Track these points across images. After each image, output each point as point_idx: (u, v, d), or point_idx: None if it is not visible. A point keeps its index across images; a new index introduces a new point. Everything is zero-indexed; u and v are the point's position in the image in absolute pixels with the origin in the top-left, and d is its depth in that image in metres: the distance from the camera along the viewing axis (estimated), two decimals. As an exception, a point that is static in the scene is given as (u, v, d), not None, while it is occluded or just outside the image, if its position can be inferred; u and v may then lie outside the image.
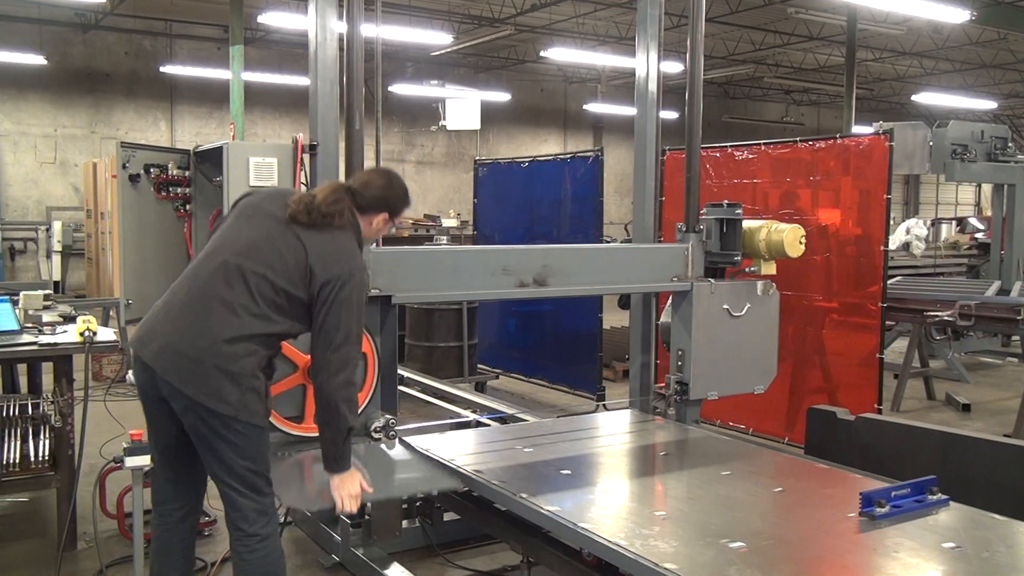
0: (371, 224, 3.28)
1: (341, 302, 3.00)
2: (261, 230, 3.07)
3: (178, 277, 3.11)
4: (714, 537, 2.99)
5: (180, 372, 2.89)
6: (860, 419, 4.57)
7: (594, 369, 7.62)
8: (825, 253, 6.21)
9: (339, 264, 3.03)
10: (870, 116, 21.79)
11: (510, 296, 4.61)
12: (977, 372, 9.80)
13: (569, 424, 4.92)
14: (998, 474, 3.84)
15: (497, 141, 21.95)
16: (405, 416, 5.06)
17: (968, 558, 2.87)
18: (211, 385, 2.86)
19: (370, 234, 3.33)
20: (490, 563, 4.36)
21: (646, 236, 5.03)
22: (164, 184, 4.38)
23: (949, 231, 16.17)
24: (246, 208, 3.20)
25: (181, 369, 2.89)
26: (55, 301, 5.52)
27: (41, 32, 16.24)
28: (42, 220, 14.83)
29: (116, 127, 17.26)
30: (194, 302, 2.97)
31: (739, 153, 6.83)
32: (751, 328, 4.72)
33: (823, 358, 6.33)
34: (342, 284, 3.00)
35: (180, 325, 2.94)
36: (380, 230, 3.35)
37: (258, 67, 17.30)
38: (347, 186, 3.25)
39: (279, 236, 3.04)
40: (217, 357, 2.88)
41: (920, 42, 18.58)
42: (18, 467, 4.28)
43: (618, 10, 16.10)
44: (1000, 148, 9.91)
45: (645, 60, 4.98)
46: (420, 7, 15.59)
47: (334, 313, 2.99)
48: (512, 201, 8.71)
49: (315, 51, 3.77)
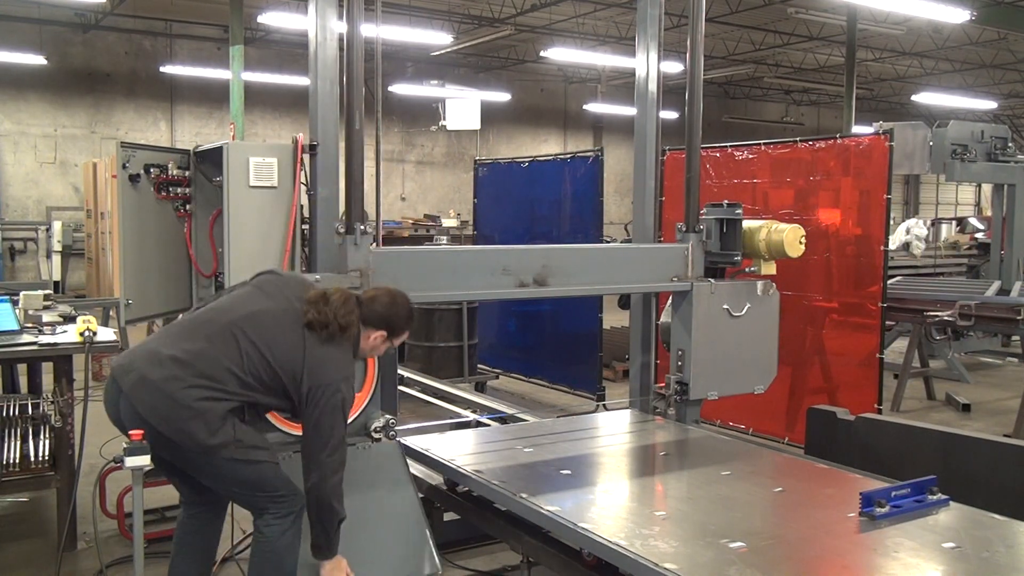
0: (368, 339, 3.34)
1: (335, 407, 3.12)
2: (274, 310, 3.18)
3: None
4: (714, 537, 2.99)
5: (151, 405, 2.99)
6: (860, 419, 4.57)
7: (594, 369, 7.62)
8: (825, 253, 6.21)
9: (332, 372, 3.14)
10: (870, 116, 21.79)
11: (510, 296, 4.61)
12: (977, 372, 9.81)
13: (569, 424, 4.92)
14: (998, 474, 3.84)
15: (497, 141, 21.95)
16: (405, 416, 5.07)
17: (968, 558, 2.87)
18: (181, 423, 2.97)
19: (365, 349, 3.39)
20: (490, 563, 4.37)
21: (646, 236, 5.02)
22: (164, 184, 4.37)
23: (949, 231, 16.19)
24: (267, 284, 3.32)
25: (153, 403, 2.99)
26: (55, 301, 5.52)
27: (41, 32, 16.24)
28: (42, 220, 14.82)
29: (116, 127, 17.26)
30: (185, 347, 3.06)
31: (739, 153, 6.83)
32: (751, 328, 4.72)
33: (823, 358, 6.33)
34: (334, 391, 3.11)
35: (165, 364, 3.02)
36: (376, 348, 3.42)
37: (258, 67, 17.30)
38: (357, 296, 3.34)
39: (288, 324, 3.15)
40: (191, 400, 2.98)
41: (920, 42, 18.58)
42: (18, 467, 4.29)
43: (618, 10, 16.10)
44: (1000, 148, 9.91)
45: (645, 60, 4.97)
46: (420, 7, 15.59)
47: (328, 416, 3.11)
48: (512, 201, 8.71)
49: (315, 51, 3.77)
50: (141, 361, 3.07)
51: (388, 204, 19.33)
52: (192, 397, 2.97)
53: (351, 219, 3.73)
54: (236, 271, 3.68)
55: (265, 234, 3.75)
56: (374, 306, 3.33)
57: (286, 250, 3.75)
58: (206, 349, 3.05)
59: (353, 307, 3.24)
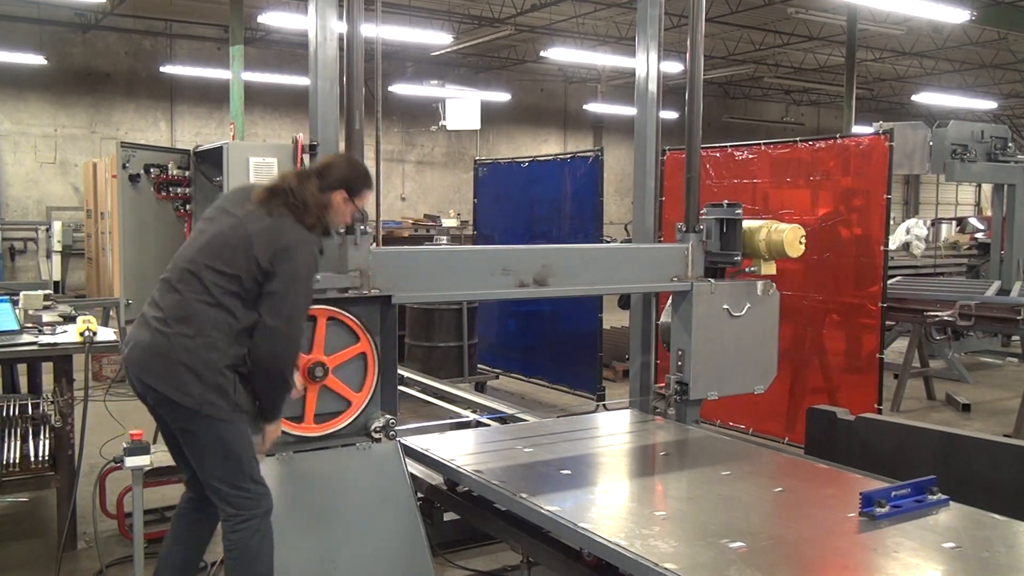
0: (332, 203, 3.34)
1: (295, 272, 3.14)
2: (214, 229, 3.22)
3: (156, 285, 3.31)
4: (714, 537, 2.99)
5: (147, 367, 3.08)
6: (860, 419, 4.57)
7: (594, 369, 7.62)
8: (825, 253, 6.21)
9: (283, 238, 3.16)
10: (870, 116, 21.78)
11: (510, 296, 4.61)
12: (977, 372, 9.81)
13: (569, 424, 4.92)
14: (998, 474, 3.84)
15: (497, 141, 21.95)
16: (405, 416, 5.07)
17: (968, 558, 2.87)
18: (175, 379, 3.03)
19: (332, 216, 3.38)
20: (490, 563, 4.37)
21: (646, 236, 5.02)
22: (164, 184, 4.38)
23: (949, 231, 16.19)
24: (209, 211, 3.36)
25: (148, 364, 3.08)
26: (55, 301, 5.53)
27: (41, 32, 16.24)
28: (42, 220, 14.82)
29: (116, 127, 17.26)
30: (161, 303, 3.15)
31: (739, 153, 6.82)
32: (751, 328, 4.72)
33: (823, 358, 6.33)
34: (288, 256, 3.13)
35: (149, 324, 3.13)
36: (342, 212, 3.41)
37: (258, 67, 17.29)
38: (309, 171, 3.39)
39: (230, 230, 3.18)
40: (179, 352, 3.04)
41: (920, 42, 18.58)
42: (18, 467, 4.29)
43: (618, 10, 16.10)
44: (1000, 148, 9.90)
45: (645, 60, 4.97)
46: (420, 7, 15.59)
47: (279, 282, 3.12)
48: (512, 201, 8.71)
49: (315, 51, 3.77)
50: (135, 330, 3.19)
51: (388, 204, 19.32)
52: (180, 348, 3.04)
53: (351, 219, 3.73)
54: (236, 271, 3.68)
55: (265, 234, 3.74)
56: (331, 171, 3.37)
57: (286, 250, 3.75)
58: (177, 298, 3.11)
59: (309, 178, 3.30)
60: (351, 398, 3.72)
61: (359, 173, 3.45)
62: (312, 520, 3.51)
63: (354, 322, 3.68)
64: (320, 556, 3.45)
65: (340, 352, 3.67)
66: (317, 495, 3.57)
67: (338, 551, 3.47)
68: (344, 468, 3.68)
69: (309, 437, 3.64)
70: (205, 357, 3.04)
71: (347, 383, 3.71)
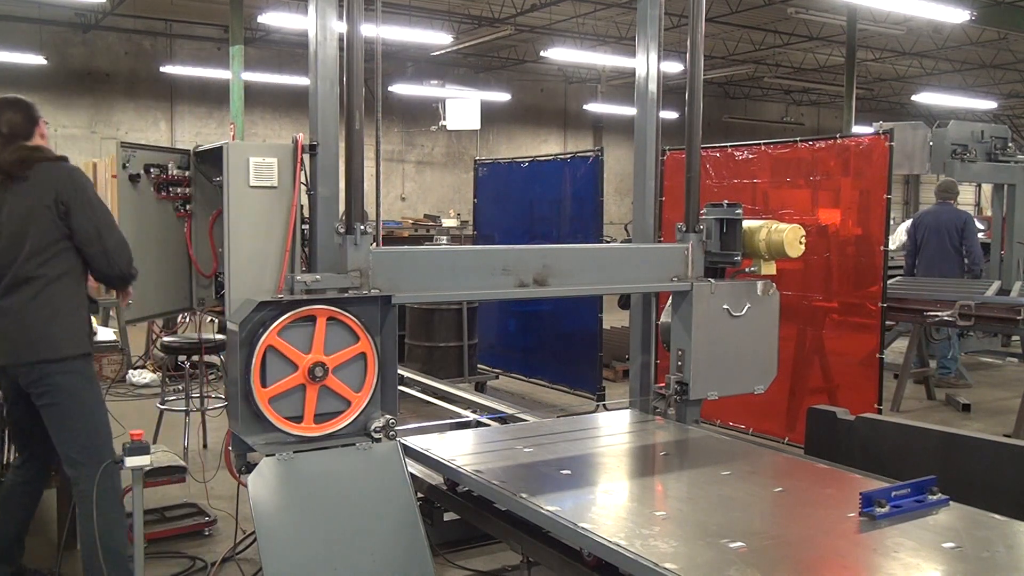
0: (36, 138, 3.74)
1: (82, 204, 3.54)
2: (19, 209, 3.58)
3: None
4: (714, 537, 2.99)
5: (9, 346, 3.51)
6: (860, 419, 4.56)
7: (594, 369, 7.62)
8: (825, 253, 6.21)
9: (48, 183, 3.53)
10: (870, 116, 21.78)
11: (510, 296, 4.60)
12: (977, 372, 9.81)
13: (569, 424, 4.92)
14: (998, 474, 3.83)
15: (497, 141, 21.95)
16: (405, 416, 5.07)
17: (968, 558, 2.87)
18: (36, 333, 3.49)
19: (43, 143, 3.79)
20: (490, 563, 4.37)
21: (646, 236, 5.02)
22: (164, 184, 4.36)
23: (949, 231, 16.12)
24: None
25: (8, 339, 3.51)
26: (55, 301, 5.50)
27: (41, 32, 16.25)
28: (42, 220, 14.81)
29: (116, 127, 17.27)
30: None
31: (739, 153, 6.83)
32: (751, 328, 4.71)
33: (823, 358, 6.33)
34: (70, 194, 3.52)
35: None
36: (44, 135, 3.84)
37: (258, 67, 17.30)
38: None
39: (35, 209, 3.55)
40: (27, 315, 3.47)
41: (920, 42, 18.59)
42: (18, 467, 4.28)
43: (618, 10, 16.11)
44: (1000, 148, 9.89)
45: (645, 60, 4.97)
46: (420, 7, 15.60)
47: (78, 216, 3.51)
48: (512, 201, 8.71)
49: (315, 51, 3.77)
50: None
51: (388, 204, 19.34)
52: (31, 306, 3.45)
53: (351, 219, 3.74)
54: (236, 271, 3.68)
55: (265, 234, 3.74)
56: (16, 127, 3.67)
57: (286, 250, 3.75)
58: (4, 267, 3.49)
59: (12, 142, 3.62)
60: (351, 398, 3.72)
61: (23, 105, 3.76)
62: (312, 520, 3.51)
63: (354, 322, 3.68)
64: (320, 556, 3.45)
65: (340, 352, 3.66)
66: (317, 495, 3.57)
67: (338, 551, 3.47)
68: (344, 468, 3.67)
69: (309, 437, 3.63)
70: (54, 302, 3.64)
71: (347, 383, 3.70)
